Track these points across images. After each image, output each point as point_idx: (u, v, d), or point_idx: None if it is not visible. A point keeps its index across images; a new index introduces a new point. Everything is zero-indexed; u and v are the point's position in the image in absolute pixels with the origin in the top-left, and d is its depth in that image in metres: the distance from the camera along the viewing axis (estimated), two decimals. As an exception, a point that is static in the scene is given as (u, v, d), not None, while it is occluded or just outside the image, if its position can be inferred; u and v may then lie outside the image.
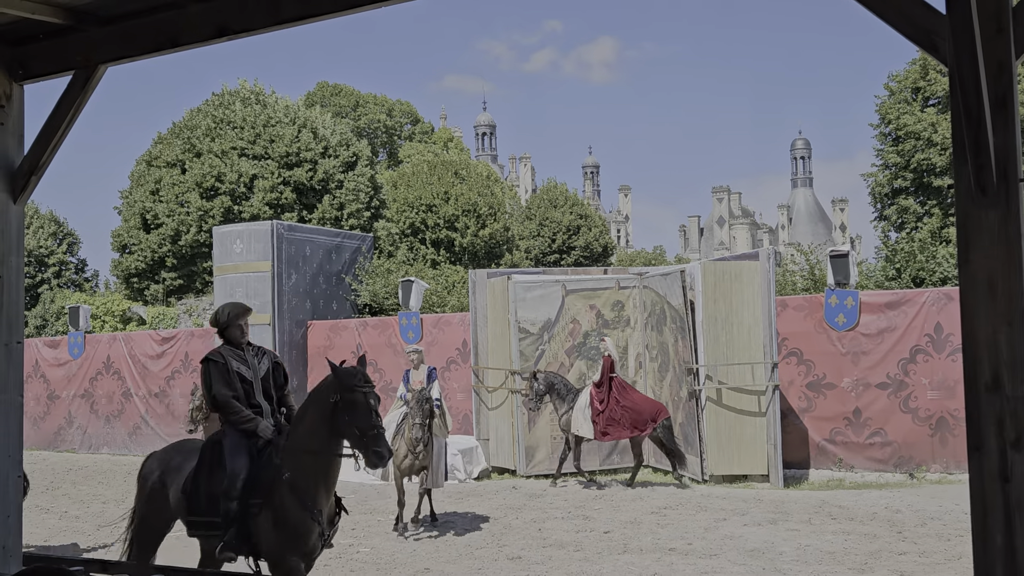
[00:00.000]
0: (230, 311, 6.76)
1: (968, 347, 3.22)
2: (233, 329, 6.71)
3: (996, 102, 3.16)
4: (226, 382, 6.47)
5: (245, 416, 6.40)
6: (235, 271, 19.35)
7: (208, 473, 6.40)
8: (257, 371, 6.69)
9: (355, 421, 6.00)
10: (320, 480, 6.06)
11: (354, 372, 6.23)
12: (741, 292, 14.61)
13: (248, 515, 6.11)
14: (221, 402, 6.41)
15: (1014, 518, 3.12)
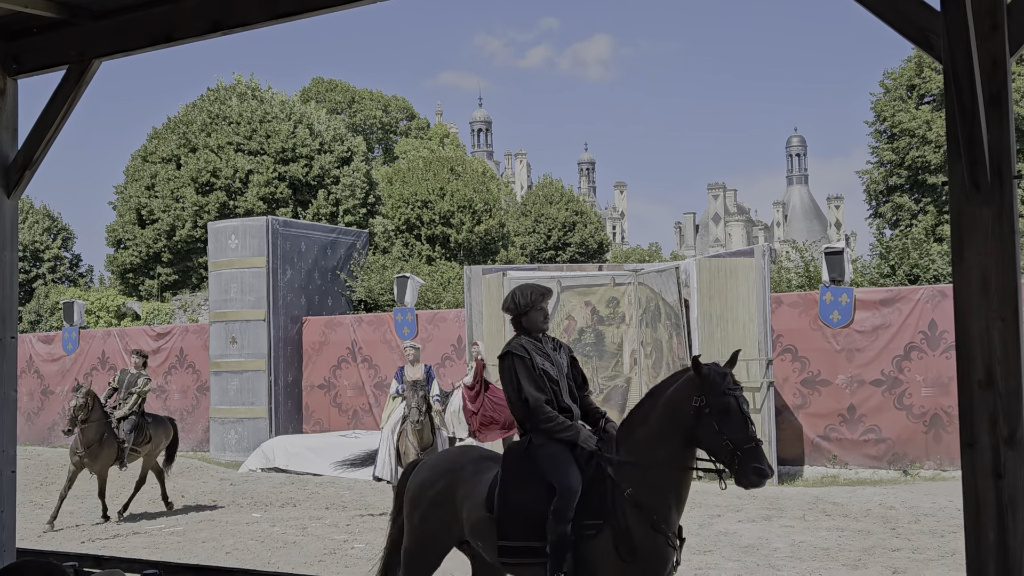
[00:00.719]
0: (532, 292, 5.61)
1: (961, 344, 3.23)
2: (535, 314, 5.58)
3: (990, 99, 3.17)
4: (535, 382, 5.40)
5: (561, 423, 5.34)
6: (230, 267, 19.33)
7: (520, 488, 5.34)
8: (561, 367, 5.64)
9: (728, 431, 5.09)
10: (671, 497, 5.14)
11: (724, 373, 5.26)
12: (736, 289, 14.63)
13: (583, 539, 5.09)
14: (533, 407, 5.35)
15: (1007, 514, 3.13)
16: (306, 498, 14.19)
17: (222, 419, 19.18)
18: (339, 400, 19.53)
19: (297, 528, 11.88)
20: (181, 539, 11.38)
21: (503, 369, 5.47)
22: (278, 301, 19.29)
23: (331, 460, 16.10)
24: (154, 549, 10.67)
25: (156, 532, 11.89)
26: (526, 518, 5.21)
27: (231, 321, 19.28)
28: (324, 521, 12.29)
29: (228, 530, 11.84)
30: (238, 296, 19.23)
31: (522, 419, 5.43)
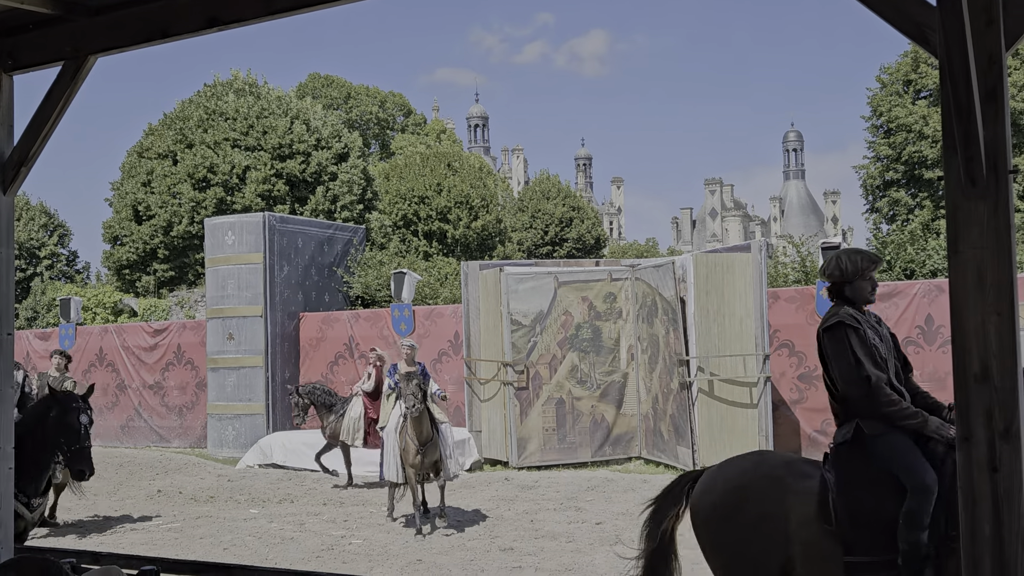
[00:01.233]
0: (861, 259, 4.93)
1: (957, 338, 3.24)
2: (863, 284, 4.92)
3: (986, 94, 3.17)
4: (872, 358, 4.68)
5: (907, 409, 4.64)
6: (227, 263, 19.32)
7: (864, 491, 4.55)
8: (889, 344, 4.93)
9: None
10: None
11: None
12: (733, 284, 14.64)
13: (946, 552, 4.32)
14: (875, 386, 4.61)
15: (1002, 508, 3.14)
16: (304, 494, 14.20)
17: (219, 415, 19.18)
18: (336, 396, 19.53)
19: (295, 524, 11.89)
20: (179, 535, 11.39)
21: (833, 341, 4.71)
22: (275, 297, 19.29)
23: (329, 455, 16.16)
24: (151, 545, 10.68)
25: (153, 528, 11.90)
26: (876, 526, 4.46)
27: (228, 317, 19.27)
28: (322, 517, 12.31)
29: (226, 526, 11.85)
30: (235, 292, 19.22)
31: (858, 399, 4.63)
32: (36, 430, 7.34)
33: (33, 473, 7.29)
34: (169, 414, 20.98)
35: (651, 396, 15.87)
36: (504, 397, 16.05)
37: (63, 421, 7.35)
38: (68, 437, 7.34)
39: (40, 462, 7.37)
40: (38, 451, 7.29)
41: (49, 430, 7.32)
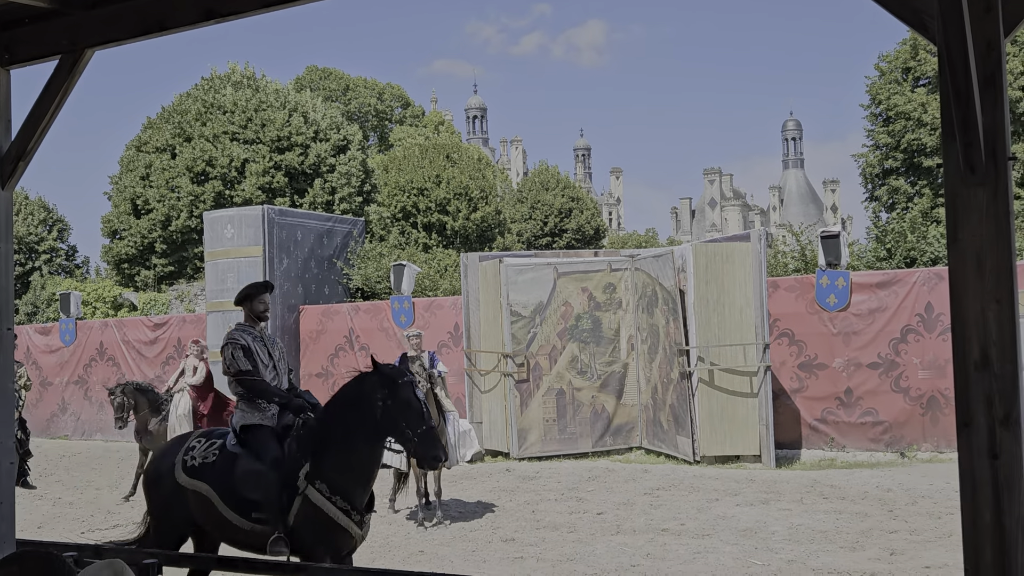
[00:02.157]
0: None
1: (957, 325, 3.23)
2: None
3: (985, 81, 3.16)
4: None
5: None
6: (226, 256, 19.31)
7: None
8: None
9: None
10: None
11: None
12: (733, 273, 14.63)
13: None
14: None
15: (1003, 495, 3.14)
16: (305, 486, 14.19)
17: (220, 409, 19.18)
18: (337, 388, 19.51)
19: (296, 516, 11.89)
20: (181, 528, 11.39)
21: None
22: (275, 290, 19.27)
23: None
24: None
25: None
26: None
27: (228, 311, 19.25)
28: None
29: (228, 519, 11.85)
30: (235, 286, 19.16)
31: None
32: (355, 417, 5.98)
33: (361, 477, 6.02)
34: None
35: (651, 386, 15.88)
36: (504, 388, 16.06)
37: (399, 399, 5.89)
38: (410, 419, 5.83)
39: (371, 461, 6.07)
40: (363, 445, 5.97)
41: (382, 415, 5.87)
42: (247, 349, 6.45)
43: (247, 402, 6.42)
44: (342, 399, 6.13)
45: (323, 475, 5.90)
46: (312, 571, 5.09)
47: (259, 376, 6.39)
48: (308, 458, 5.98)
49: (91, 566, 2.85)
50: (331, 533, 5.89)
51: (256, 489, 6.02)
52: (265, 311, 6.74)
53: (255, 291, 6.74)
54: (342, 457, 5.91)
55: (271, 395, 6.34)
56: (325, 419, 6.09)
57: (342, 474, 5.91)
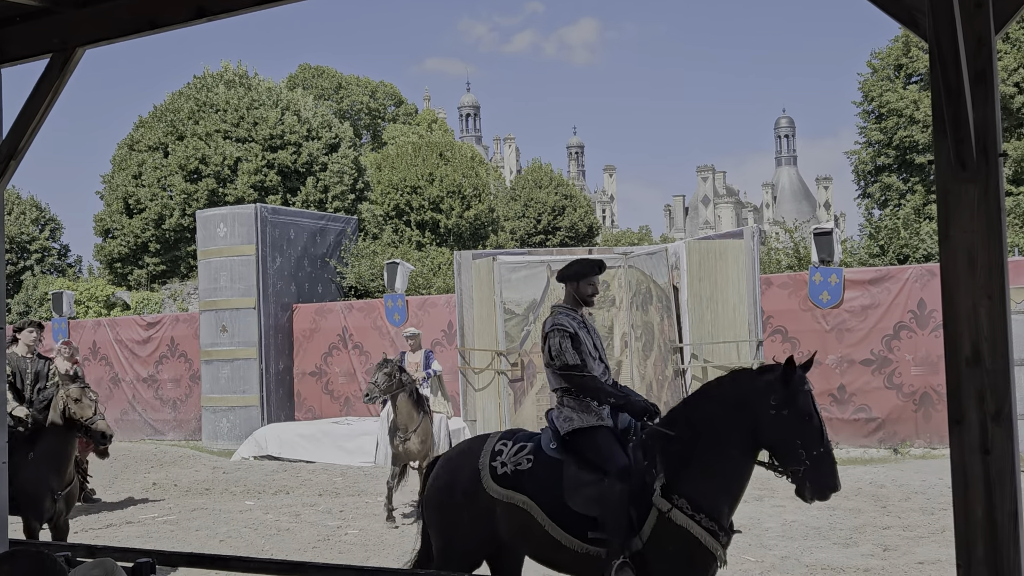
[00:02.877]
0: None
1: (949, 321, 3.24)
2: None
3: (975, 77, 3.17)
4: None
5: None
6: (219, 255, 19.28)
7: None
8: None
9: None
10: None
11: None
12: (726, 271, 14.66)
13: None
14: None
15: (995, 490, 3.15)
16: (299, 485, 14.20)
17: (214, 407, 19.17)
18: (331, 387, 19.54)
19: (290, 515, 11.90)
20: (174, 528, 11.39)
21: None
22: (268, 289, 19.26)
23: (324, 447, 16.16)
24: (147, 538, 10.67)
25: (149, 521, 11.89)
26: None
27: (221, 310, 19.25)
28: (317, 508, 12.32)
29: (221, 518, 11.85)
30: (228, 284, 19.18)
31: None
32: None
33: (729, 492, 5.35)
34: (163, 407, 20.96)
35: (645, 383, 15.89)
36: (498, 386, 16.06)
37: None
38: (806, 436, 5.16)
39: (743, 474, 5.50)
40: None
41: None
42: (575, 338, 5.47)
43: (576, 401, 5.39)
44: (715, 398, 5.16)
45: (683, 489, 4.93)
46: (306, 569, 5.08)
47: (589, 371, 5.43)
48: (663, 468, 5.03)
49: (81, 565, 2.85)
50: (694, 557, 4.92)
51: (596, 504, 5.03)
52: (594, 295, 5.82)
53: (587, 270, 5.80)
54: (708, 468, 4.97)
55: (605, 395, 5.35)
56: (688, 421, 5.14)
57: (707, 489, 4.96)
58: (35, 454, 7.96)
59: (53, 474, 8.01)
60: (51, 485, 8.01)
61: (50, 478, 8.00)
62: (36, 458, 7.94)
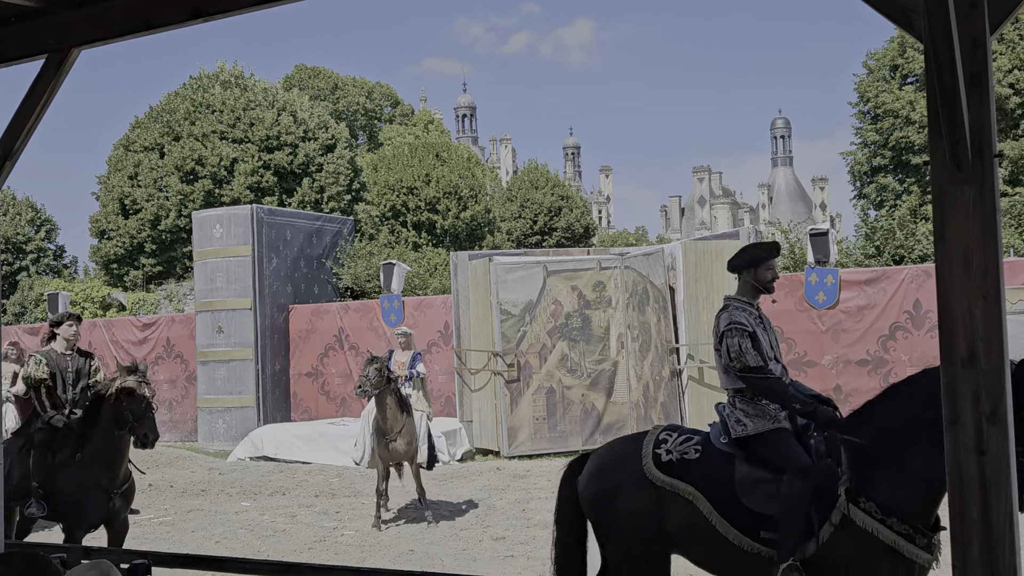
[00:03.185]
0: None
1: (944, 322, 3.25)
2: None
3: (971, 78, 3.18)
4: None
5: None
6: (215, 256, 19.26)
7: None
8: None
9: None
10: None
11: None
12: (722, 271, 14.63)
13: None
14: None
15: (990, 490, 3.16)
16: (295, 486, 14.19)
17: (210, 408, 19.15)
18: (327, 388, 19.52)
19: (286, 516, 11.89)
20: (170, 529, 11.38)
21: None
22: (264, 290, 19.24)
23: (320, 448, 16.16)
24: (143, 539, 10.65)
25: (145, 523, 11.87)
26: None
27: (217, 310, 19.23)
28: (313, 509, 12.31)
29: (217, 519, 11.84)
30: (224, 285, 19.16)
31: None
32: None
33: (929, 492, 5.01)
34: (159, 408, 20.90)
35: (642, 384, 15.90)
36: (495, 387, 16.06)
37: None
38: None
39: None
40: None
41: None
42: (755, 337, 5.07)
43: (749, 404, 5.07)
44: (906, 397, 4.81)
45: (871, 492, 4.63)
46: (302, 570, 5.08)
47: (771, 372, 5.07)
48: (848, 470, 4.73)
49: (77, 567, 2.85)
50: (881, 563, 4.57)
51: (772, 501, 4.73)
52: (774, 279, 5.32)
53: (764, 254, 5.36)
54: (899, 470, 4.62)
55: (790, 399, 5.02)
56: (877, 422, 4.83)
57: (899, 491, 4.60)
58: (83, 454, 7.52)
59: (104, 473, 7.52)
60: (103, 484, 7.50)
61: (101, 477, 7.51)
62: (85, 459, 7.51)
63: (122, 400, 7.40)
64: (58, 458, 7.61)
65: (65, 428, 7.76)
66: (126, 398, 7.42)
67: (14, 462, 7.62)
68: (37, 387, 8.01)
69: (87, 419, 7.64)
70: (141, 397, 7.46)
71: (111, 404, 7.47)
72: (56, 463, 7.60)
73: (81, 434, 7.59)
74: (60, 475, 7.52)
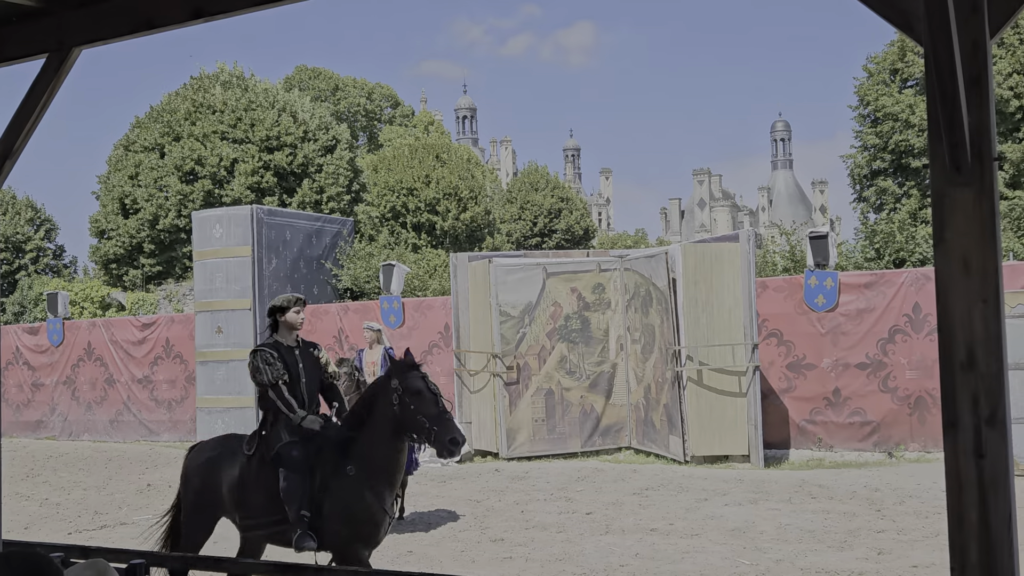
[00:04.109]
0: None
1: (943, 325, 3.24)
2: None
3: (970, 81, 3.18)
4: None
5: None
6: (215, 256, 19.26)
7: None
8: None
9: None
10: None
11: None
12: (722, 274, 14.66)
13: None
14: None
15: (988, 494, 3.16)
16: (294, 487, 14.17)
17: (209, 409, 19.15)
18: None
19: (285, 517, 11.86)
20: (169, 529, 11.35)
21: None
22: (264, 290, 19.24)
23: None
24: (142, 540, 10.64)
25: (144, 523, 11.86)
26: None
27: (216, 311, 19.22)
28: (312, 509, 12.28)
29: (216, 520, 11.81)
30: (223, 286, 19.17)
31: None
32: None
33: None
34: (158, 408, 20.92)
35: (642, 386, 15.90)
36: (494, 388, 16.06)
37: None
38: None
39: None
40: None
41: None
42: None
43: None
44: None
45: None
46: (303, 571, 5.08)
47: None
48: None
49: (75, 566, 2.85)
50: None
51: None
52: None
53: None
54: None
55: None
56: None
57: None
58: (355, 467, 6.20)
59: (387, 490, 6.25)
60: (384, 504, 6.21)
61: (384, 495, 6.20)
62: (360, 473, 6.19)
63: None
64: (324, 471, 6.33)
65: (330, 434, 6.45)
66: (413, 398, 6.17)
67: (255, 482, 6.48)
68: (275, 386, 6.50)
69: (358, 423, 6.35)
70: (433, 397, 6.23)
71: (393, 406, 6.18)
72: (323, 476, 6.34)
73: (346, 441, 6.33)
74: (342, 492, 6.24)
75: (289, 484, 6.24)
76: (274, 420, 6.53)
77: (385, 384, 6.29)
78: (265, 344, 6.74)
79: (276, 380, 6.49)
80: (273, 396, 6.48)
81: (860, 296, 15.02)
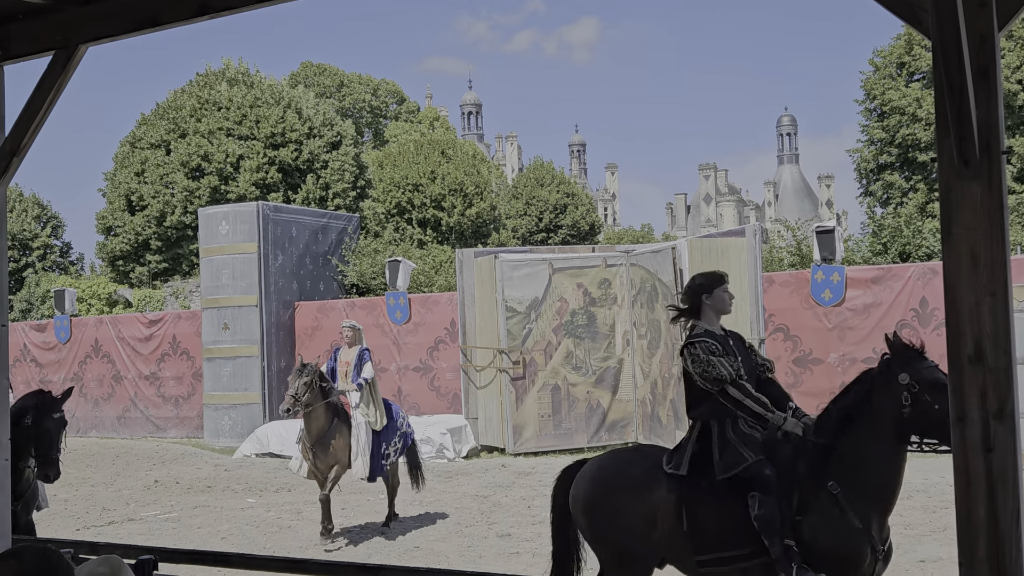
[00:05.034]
0: None
1: (951, 319, 3.24)
2: None
3: (978, 74, 3.16)
4: None
5: None
6: (221, 252, 19.29)
7: None
8: None
9: None
10: None
11: None
12: (728, 269, 14.55)
13: None
14: None
15: (996, 488, 3.15)
16: (300, 483, 14.20)
17: (216, 405, 19.19)
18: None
19: (292, 513, 11.91)
20: (176, 525, 11.41)
21: None
22: (270, 286, 19.27)
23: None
24: (149, 535, 10.69)
25: (151, 519, 11.91)
26: None
27: (223, 307, 19.26)
28: (319, 505, 12.31)
29: (223, 515, 11.86)
30: (230, 282, 19.19)
31: None
32: None
33: None
34: (165, 404, 20.97)
35: (649, 381, 15.89)
36: (500, 384, 16.07)
37: None
38: None
39: None
40: None
41: None
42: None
43: None
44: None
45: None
46: (308, 566, 5.09)
47: None
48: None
49: (88, 562, 2.85)
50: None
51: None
52: None
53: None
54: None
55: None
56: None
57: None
58: (839, 485, 5.25)
59: (877, 516, 5.41)
60: (871, 535, 5.30)
61: (872, 522, 5.29)
62: (846, 492, 5.26)
63: None
64: None
65: None
66: None
67: (710, 509, 5.31)
68: (736, 382, 5.43)
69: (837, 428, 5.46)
70: None
71: None
72: None
73: None
74: None
75: (766, 510, 5.06)
76: (720, 430, 5.32)
77: (886, 379, 5.19)
78: (698, 335, 5.48)
79: (737, 374, 5.36)
80: (737, 395, 5.29)
81: (867, 291, 14.99)
